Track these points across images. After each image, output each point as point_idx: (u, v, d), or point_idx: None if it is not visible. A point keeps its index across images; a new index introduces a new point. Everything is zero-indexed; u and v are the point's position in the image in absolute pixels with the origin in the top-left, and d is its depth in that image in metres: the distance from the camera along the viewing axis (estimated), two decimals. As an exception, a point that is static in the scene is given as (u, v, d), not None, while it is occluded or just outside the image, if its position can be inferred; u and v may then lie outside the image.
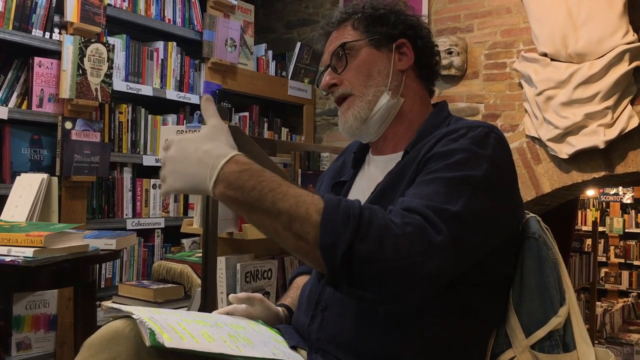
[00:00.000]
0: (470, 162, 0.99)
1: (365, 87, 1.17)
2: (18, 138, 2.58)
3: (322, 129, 4.15)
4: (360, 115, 1.17)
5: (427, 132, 1.13)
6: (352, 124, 1.17)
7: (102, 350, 0.95)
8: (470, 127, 1.05)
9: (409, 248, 0.87)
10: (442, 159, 1.00)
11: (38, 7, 2.60)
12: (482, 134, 1.03)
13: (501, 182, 1.02)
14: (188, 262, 2.45)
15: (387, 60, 1.18)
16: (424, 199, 0.94)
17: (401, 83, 1.18)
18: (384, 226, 0.88)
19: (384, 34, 1.18)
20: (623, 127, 2.86)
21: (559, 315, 1.03)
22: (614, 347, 4.95)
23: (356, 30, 1.19)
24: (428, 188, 0.96)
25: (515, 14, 3.33)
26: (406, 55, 1.19)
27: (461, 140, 1.02)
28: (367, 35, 1.18)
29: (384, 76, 1.17)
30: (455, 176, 0.97)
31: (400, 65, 1.18)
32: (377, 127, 1.18)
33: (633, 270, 7.43)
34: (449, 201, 0.93)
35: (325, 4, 4.14)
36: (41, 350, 2.60)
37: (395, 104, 1.17)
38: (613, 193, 7.46)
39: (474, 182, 0.97)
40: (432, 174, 0.99)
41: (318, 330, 1.10)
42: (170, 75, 3.23)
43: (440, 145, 1.04)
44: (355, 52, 1.18)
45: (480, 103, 3.44)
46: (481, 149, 1.01)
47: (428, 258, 0.87)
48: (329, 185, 1.27)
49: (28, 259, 1.56)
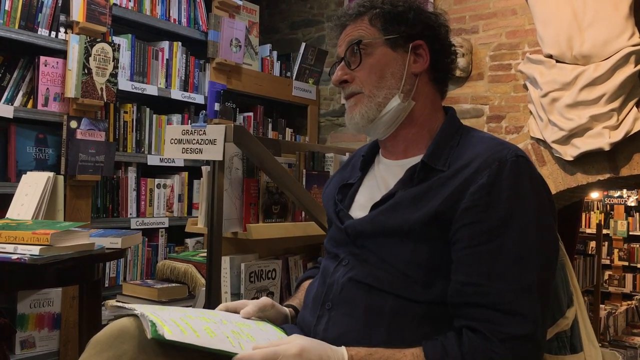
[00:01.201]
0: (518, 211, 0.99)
1: (376, 88, 1.14)
2: (23, 137, 2.58)
3: (326, 129, 4.14)
4: (368, 115, 1.15)
5: (442, 143, 1.12)
6: (358, 122, 1.16)
7: (108, 347, 0.96)
8: (501, 162, 1.02)
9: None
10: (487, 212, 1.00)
11: (44, 7, 2.60)
12: (515, 166, 1.02)
13: (546, 209, 1.03)
14: (192, 261, 2.45)
15: (402, 61, 1.15)
16: (503, 282, 0.96)
17: (414, 86, 1.15)
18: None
19: (401, 33, 1.15)
20: (628, 129, 2.85)
21: (566, 317, 1.04)
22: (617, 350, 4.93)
23: (373, 27, 1.16)
24: (498, 265, 0.98)
25: (520, 16, 3.33)
26: (422, 57, 1.16)
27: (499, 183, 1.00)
28: (385, 33, 1.15)
29: (397, 78, 1.14)
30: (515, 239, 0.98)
31: (414, 68, 1.16)
32: (385, 128, 1.17)
33: (637, 273, 7.41)
34: (525, 272, 0.97)
35: (330, 4, 4.15)
36: (45, 348, 2.61)
37: (406, 107, 1.15)
38: (617, 196, 7.44)
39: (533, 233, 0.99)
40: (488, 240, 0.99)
41: (324, 329, 1.10)
42: (175, 75, 3.23)
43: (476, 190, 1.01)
44: (370, 50, 1.15)
45: (485, 104, 3.43)
46: (521, 187, 1.01)
47: (531, 355, 0.96)
48: (336, 188, 1.26)
49: (34, 257, 1.56)
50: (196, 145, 1.86)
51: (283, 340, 0.97)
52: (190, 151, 1.88)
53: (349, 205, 1.21)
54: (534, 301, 0.96)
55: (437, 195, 1.04)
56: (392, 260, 1.05)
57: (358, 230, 1.10)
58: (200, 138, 1.85)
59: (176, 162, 3.18)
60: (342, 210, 1.20)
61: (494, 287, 0.96)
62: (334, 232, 1.20)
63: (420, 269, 1.03)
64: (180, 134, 1.90)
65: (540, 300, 0.97)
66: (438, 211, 1.02)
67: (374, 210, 1.11)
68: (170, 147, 1.92)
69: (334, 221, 1.21)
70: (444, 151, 1.10)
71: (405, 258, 1.04)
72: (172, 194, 3.23)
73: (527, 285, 0.96)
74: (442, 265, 1.03)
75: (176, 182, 3.25)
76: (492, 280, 0.97)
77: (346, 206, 1.21)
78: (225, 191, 1.87)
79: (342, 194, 1.24)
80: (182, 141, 1.89)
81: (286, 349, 0.94)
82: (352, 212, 1.19)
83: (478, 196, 1.00)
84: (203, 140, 1.85)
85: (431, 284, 1.03)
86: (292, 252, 2.11)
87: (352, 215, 1.18)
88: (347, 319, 1.07)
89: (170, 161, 3.15)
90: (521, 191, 1.00)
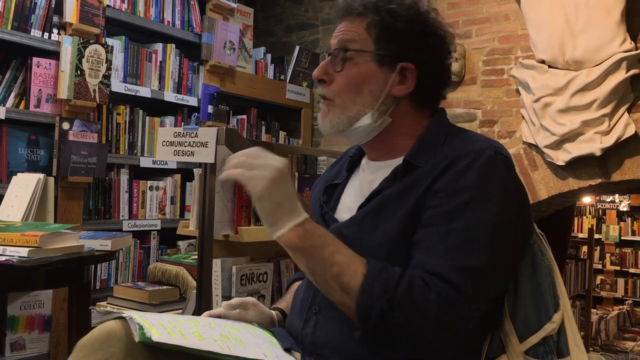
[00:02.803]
0: (480, 201, 0.99)
1: (351, 102, 1.11)
2: (15, 138, 2.57)
3: (319, 132, 4.14)
4: (338, 126, 1.13)
5: (427, 142, 1.11)
6: (329, 130, 1.15)
7: (94, 351, 0.95)
8: (477, 153, 1.03)
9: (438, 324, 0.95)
10: (451, 197, 1.00)
11: (37, 8, 2.60)
12: (490, 160, 1.02)
13: (512, 209, 1.03)
14: (184, 264, 2.44)
15: (385, 80, 1.10)
16: (446, 259, 0.97)
17: (390, 107, 1.12)
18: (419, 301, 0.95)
19: (392, 52, 1.10)
20: (619, 134, 2.87)
21: (553, 321, 1.04)
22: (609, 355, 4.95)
23: (368, 35, 1.11)
24: (446, 243, 0.98)
25: (513, 21, 3.34)
26: (407, 80, 1.11)
27: (469, 171, 1.01)
28: (376, 46, 1.10)
29: (374, 97, 1.10)
30: (469, 225, 0.98)
31: (396, 91, 1.11)
32: (358, 137, 1.16)
33: (629, 278, 7.44)
34: (471, 255, 0.97)
35: (325, 8, 4.15)
36: (35, 351, 2.59)
37: (379, 124, 1.13)
38: (609, 200, 7.48)
39: (490, 224, 0.99)
40: (443, 221, 0.99)
41: (312, 333, 1.10)
42: (168, 77, 3.23)
43: (447, 177, 1.02)
44: (356, 61, 1.11)
45: (478, 109, 3.44)
46: (490, 180, 1.01)
47: (454, 330, 0.96)
48: (322, 188, 1.25)
49: (23, 259, 1.56)
50: (188, 148, 1.86)
51: None
52: (182, 153, 1.88)
53: (334, 207, 1.20)
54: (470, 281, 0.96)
55: (419, 188, 1.04)
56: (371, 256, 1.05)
57: (343, 233, 1.10)
58: (192, 140, 1.85)
59: (169, 165, 3.18)
60: (327, 212, 1.19)
61: (432, 259, 0.98)
62: None
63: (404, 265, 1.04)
64: (173, 136, 1.90)
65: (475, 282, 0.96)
66: (418, 203, 1.03)
67: (360, 210, 1.11)
68: (162, 149, 1.92)
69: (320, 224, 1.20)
70: (427, 149, 1.09)
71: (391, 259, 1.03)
72: (165, 196, 3.22)
73: (465, 266, 0.96)
74: None
75: (169, 185, 3.24)
76: (436, 256, 0.98)
77: (331, 208, 1.20)
78: (217, 194, 1.87)
79: (328, 195, 1.23)
80: (174, 143, 1.90)
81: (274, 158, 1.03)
82: (337, 214, 1.18)
83: (447, 180, 1.01)
84: (195, 142, 1.85)
85: None
86: (283, 255, 2.11)
87: (337, 217, 1.17)
88: (335, 323, 1.06)
89: (163, 163, 3.15)
90: (488, 184, 1.00)
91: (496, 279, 1.01)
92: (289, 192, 1.01)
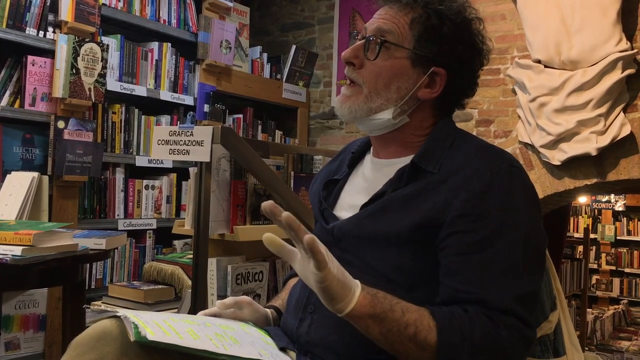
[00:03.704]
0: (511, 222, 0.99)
1: (376, 94, 1.09)
2: (10, 137, 2.56)
3: (316, 132, 4.14)
4: (357, 113, 1.11)
5: (434, 145, 1.09)
6: (344, 114, 1.12)
7: (89, 350, 0.95)
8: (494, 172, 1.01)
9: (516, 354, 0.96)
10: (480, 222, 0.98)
11: (32, 6, 2.58)
12: (508, 177, 1.01)
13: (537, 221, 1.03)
14: (179, 263, 2.43)
15: (414, 81, 1.09)
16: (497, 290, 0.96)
17: (412, 107, 1.11)
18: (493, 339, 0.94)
19: (430, 54, 1.08)
20: (615, 134, 2.88)
21: (549, 320, 1.04)
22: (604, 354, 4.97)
23: (410, 31, 1.08)
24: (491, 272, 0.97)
25: (509, 21, 3.35)
26: (435, 85, 1.10)
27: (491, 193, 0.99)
28: (415, 45, 1.08)
29: (400, 95, 1.09)
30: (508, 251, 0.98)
31: (422, 94, 1.10)
32: (371, 129, 1.15)
33: (624, 278, 7.46)
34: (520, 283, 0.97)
35: (321, 7, 4.15)
36: (30, 350, 2.58)
37: (397, 122, 1.11)
38: (605, 200, 7.50)
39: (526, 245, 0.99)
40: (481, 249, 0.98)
41: (307, 332, 1.09)
42: (164, 76, 3.22)
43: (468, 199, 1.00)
44: (391, 53, 1.09)
45: (474, 109, 3.44)
46: (513, 199, 1.00)
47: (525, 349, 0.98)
48: (322, 183, 1.24)
49: (16, 258, 1.55)
50: (183, 147, 1.86)
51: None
52: (178, 152, 1.87)
53: (334, 204, 1.19)
54: (526, 308, 0.97)
55: (428, 199, 1.02)
56: (376, 264, 1.04)
57: (344, 232, 1.09)
58: (187, 139, 1.85)
59: (165, 164, 3.17)
60: (326, 209, 1.18)
61: (487, 294, 0.96)
62: (319, 231, 1.18)
63: (404, 273, 1.03)
64: (168, 135, 1.89)
65: (529, 307, 0.98)
66: (427, 216, 1.01)
67: (362, 210, 1.10)
68: (157, 148, 1.91)
69: (319, 220, 1.19)
70: (435, 152, 1.08)
71: (389, 262, 1.03)
72: (161, 196, 3.21)
73: (519, 294, 0.96)
74: (427, 269, 1.02)
75: (164, 184, 3.23)
76: (485, 289, 0.96)
77: (330, 204, 1.19)
78: (213, 193, 1.86)
79: (327, 191, 1.21)
80: (170, 142, 1.89)
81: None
82: (336, 211, 1.17)
83: (470, 205, 0.99)
84: (190, 141, 1.84)
85: (415, 288, 1.02)
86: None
87: (337, 214, 1.16)
88: (330, 322, 1.06)
89: (158, 162, 3.14)
90: (513, 202, 1.00)
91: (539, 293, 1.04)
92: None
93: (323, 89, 4.10)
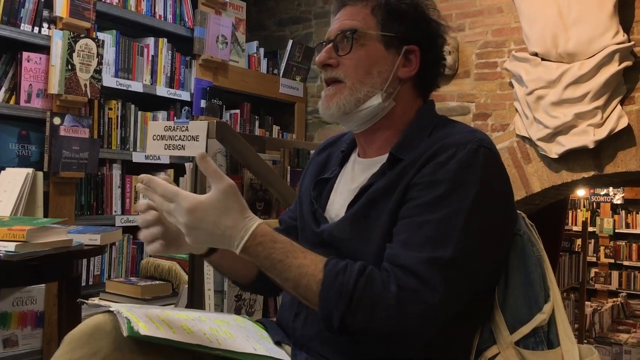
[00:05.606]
0: (457, 193, 0.98)
1: (360, 83, 1.10)
2: (6, 133, 2.55)
3: (313, 127, 4.14)
4: (345, 108, 1.11)
5: (413, 135, 1.10)
6: (333, 112, 1.13)
7: (82, 345, 0.95)
8: (459, 146, 1.01)
9: (402, 316, 0.93)
10: (428, 189, 0.99)
11: (27, 2, 2.57)
12: (471, 153, 1.00)
13: (492, 203, 1.01)
14: (176, 259, 2.44)
15: (391, 63, 1.11)
16: (415, 251, 0.96)
17: (396, 89, 1.12)
18: (378, 297, 0.94)
19: (399, 34, 1.11)
20: (612, 127, 2.87)
21: (543, 312, 1.03)
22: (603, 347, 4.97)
23: (374, 17, 1.12)
24: (418, 235, 0.97)
25: (506, 14, 3.34)
26: (411, 63, 1.13)
27: (449, 164, 1.00)
28: (382, 28, 1.11)
29: (383, 79, 1.11)
30: (443, 217, 0.97)
31: (401, 73, 1.12)
32: (360, 123, 1.14)
33: (622, 271, 7.48)
34: (440, 247, 0.96)
35: (318, 1, 4.14)
36: (28, 347, 2.58)
37: (385, 107, 1.12)
38: (603, 193, 7.51)
39: (463, 217, 0.97)
40: (418, 213, 0.98)
41: (302, 326, 1.09)
42: (160, 72, 3.21)
43: (427, 169, 1.01)
44: (363, 42, 1.11)
45: (471, 102, 3.44)
46: (469, 173, 0.99)
47: (423, 320, 0.94)
48: (312, 181, 1.23)
49: (10, 253, 1.54)
50: (179, 142, 1.85)
51: (188, 192, 1.01)
52: (173, 147, 1.87)
53: (324, 205, 1.19)
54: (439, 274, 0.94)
55: (403, 181, 1.03)
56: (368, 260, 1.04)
57: (334, 235, 1.09)
58: (182, 134, 1.84)
59: (162, 159, 3.16)
60: (317, 210, 1.18)
61: (402, 252, 0.97)
62: (308, 232, 1.18)
63: None
64: (163, 130, 1.89)
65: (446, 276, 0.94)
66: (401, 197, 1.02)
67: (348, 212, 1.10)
68: (152, 144, 1.91)
69: (310, 222, 1.18)
70: (413, 143, 1.08)
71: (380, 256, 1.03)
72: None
73: (436, 259, 0.94)
74: None
75: (162, 180, 3.22)
76: (404, 248, 0.97)
77: (322, 205, 1.19)
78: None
79: (318, 190, 1.21)
80: (165, 137, 1.88)
81: (184, 198, 0.98)
82: (327, 212, 1.17)
83: (426, 173, 1.01)
84: (185, 136, 1.84)
85: None
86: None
87: (328, 216, 1.16)
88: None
89: (155, 158, 3.13)
90: (467, 176, 0.99)
91: (470, 272, 0.98)
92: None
93: (320, 84, 4.09)
